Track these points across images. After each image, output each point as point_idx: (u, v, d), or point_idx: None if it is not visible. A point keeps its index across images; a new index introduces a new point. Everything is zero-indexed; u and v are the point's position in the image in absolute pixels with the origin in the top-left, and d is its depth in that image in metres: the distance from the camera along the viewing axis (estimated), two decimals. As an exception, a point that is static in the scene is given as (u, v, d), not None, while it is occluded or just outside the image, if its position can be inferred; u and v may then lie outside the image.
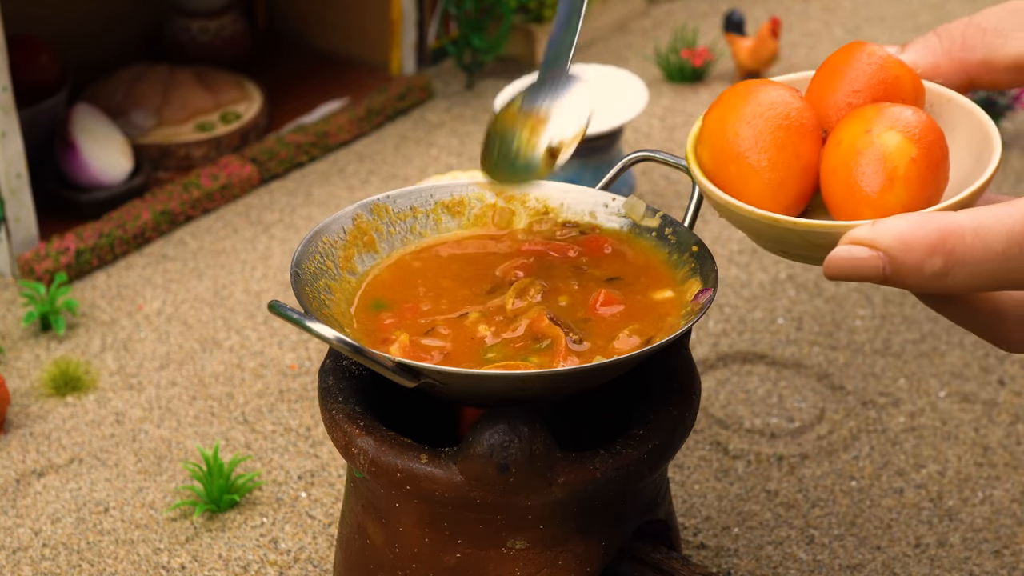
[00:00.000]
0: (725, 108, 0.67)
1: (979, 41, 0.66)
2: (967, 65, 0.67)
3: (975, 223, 0.57)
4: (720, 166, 0.66)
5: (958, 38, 0.67)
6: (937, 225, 0.57)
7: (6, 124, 1.10)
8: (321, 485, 0.95)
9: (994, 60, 0.66)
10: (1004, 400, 1.02)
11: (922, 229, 0.57)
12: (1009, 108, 1.34)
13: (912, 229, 0.57)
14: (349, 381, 0.73)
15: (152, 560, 0.89)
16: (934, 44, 0.68)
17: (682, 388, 0.73)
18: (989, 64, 0.66)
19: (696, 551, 0.89)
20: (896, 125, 0.63)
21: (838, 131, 0.64)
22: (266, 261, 1.20)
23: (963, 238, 0.57)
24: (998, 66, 0.66)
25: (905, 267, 0.58)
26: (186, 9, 1.44)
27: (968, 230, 0.57)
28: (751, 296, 1.14)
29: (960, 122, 0.67)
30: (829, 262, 0.60)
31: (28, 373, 1.06)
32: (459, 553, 0.70)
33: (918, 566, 0.88)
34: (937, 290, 0.58)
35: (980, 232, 0.57)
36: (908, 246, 0.57)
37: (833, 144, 0.64)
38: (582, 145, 1.20)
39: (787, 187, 0.65)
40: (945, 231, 0.57)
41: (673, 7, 1.69)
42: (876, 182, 0.62)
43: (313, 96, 1.44)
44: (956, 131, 0.67)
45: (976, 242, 0.57)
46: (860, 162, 0.63)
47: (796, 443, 0.99)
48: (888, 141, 0.62)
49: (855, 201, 0.63)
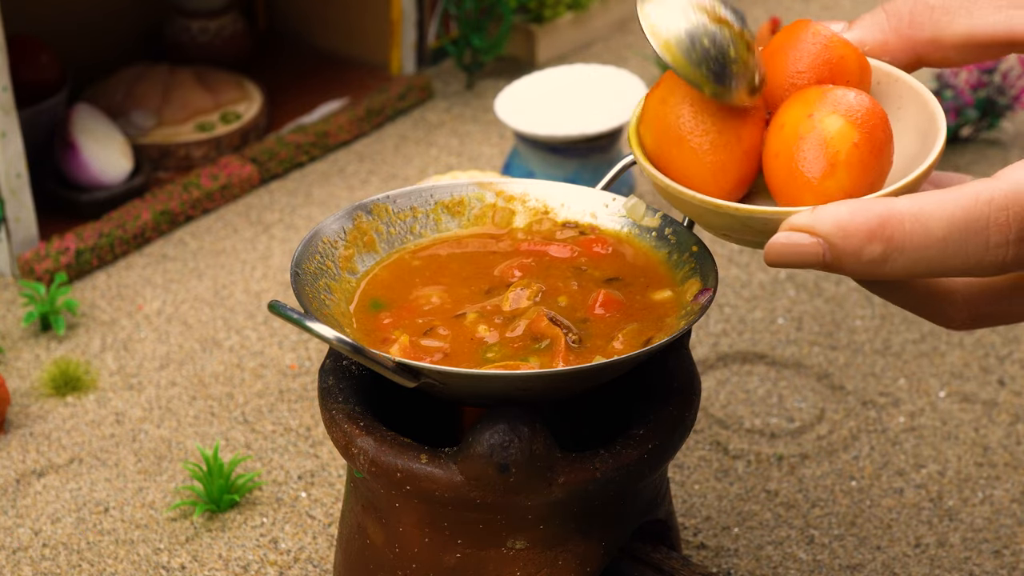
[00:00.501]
0: (667, 90, 0.66)
1: (927, 19, 0.66)
2: (915, 43, 0.67)
3: (915, 209, 0.57)
4: (663, 149, 0.65)
5: (906, 15, 0.67)
6: (877, 211, 0.57)
7: (6, 124, 1.10)
8: (321, 485, 0.95)
9: (942, 38, 0.66)
10: (1004, 400, 1.02)
11: (861, 215, 0.57)
12: (1009, 108, 1.34)
13: (851, 215, 0.57)
14: (349, 381, 0.73)
15: (152, 560, 0.89)
16: (882, 21, 0.68)
17: (682, 388, 0.73)
18: (937, 42, 0.66)
19: (696, 551, 0.89)
20: (838, 109, 0.62)
21: (781, 114, 0.64)
22: (266, 261, 1.20)
23: (902, 224, 0.57)
24: (946, 44, 0.66)
25: (844, 253, 0.58)
26: (186, 9, 1.44)
27: (908, 216, 0.57)
28: (751, 296, 1.14)
29: (907, 102, 0.67)
30: (769, 248, 0.60)
31: (28, 373, 1.06)
32: (459, 553, 0.70)
33: (918, 566, 0.88)
34: (877, 276, 0.58)
35: (920, 219, 0.57)
36: (847, 232, 0.57)
37: (776, 127, 0.64)
38: (582, 145, 1.20)
39: (728, 170, 0.64)
40: (885, 217, 0.57)
41: (673, 7, 1.69)
42: (817, 167, 0.62)
43: (313, 96, 1.44)
44: (902, 111, 0.67)
45: (916, 228, 0.57)
46: (802, 147, 0.62)
47: (796, 443, 0.99)
48: (830, 126, 0.62)
49: (796, 186, 0.62)
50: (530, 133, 1.19)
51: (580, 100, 1.22)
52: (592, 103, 1.21)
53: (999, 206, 0.56)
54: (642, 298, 0.72)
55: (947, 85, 1.35)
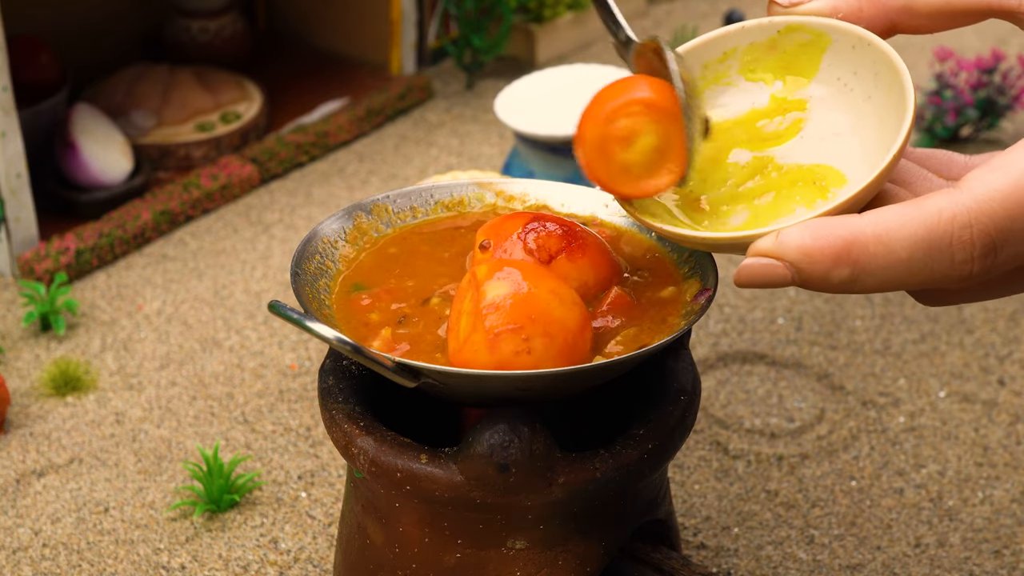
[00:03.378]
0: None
1: None
2: (888, 10, 0.67)
3: (879, 230, 0.57)
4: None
5: None
6: (840, 234, 0.57)
7: (6, 124, 1.10)
8: (321, 485, 0.95)
9: (915, 6, 0.66)
10: (1004, 400, 1.02)
11: (824, 240, 0.58)
12: (1009, 108, 1.34)
13: (814, 240, 0.58)
14: (349, 381, 0.73)
15: (152, 560, 0.89)
16: None
17: (682, 388, 0.73)
18: (910, 10, 0.66)
19: (696, 551, 0.89)
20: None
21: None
22: (266, 261, 1.20)
23: (867, 248, 0.57)
24: (919, 12, 0.66)
25: (812, 277, 0.58)
26: (186, 9, 1.44)
27: (871, 239, 0.57)
28: (751, 296, 1.14)
29: (880, 68, 0.66)
30: (739, 272, 0.60)
31: (28, 373, 1.06)
32: (459, 553, 0.70)
33: (918, 566, 0.88)
34: (847, 292, 0.59)
35: (884, 240, 0.57)
36: (812, 258, 0.58)
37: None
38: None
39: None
40: (849, 241, 0.57)
41: (673, 7, 1.69)
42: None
43: (313, 96, 1.44)
44: (876, 78, 0.66)
45: (880, 250, 0.57)
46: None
47: (796, 443, 0.99)
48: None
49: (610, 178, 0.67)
50: (530, 133, 1.19)
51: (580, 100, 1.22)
52: (592, 103, 1.21)
53: (962, 223, 0.57)
54: (652, 294, 0.72)
55: (947, 85, 1.35)
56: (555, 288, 0.65)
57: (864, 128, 0.66)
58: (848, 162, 0.65)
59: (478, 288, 0.65)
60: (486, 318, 0.63)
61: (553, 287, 0.65)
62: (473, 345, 0.64)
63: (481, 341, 0.63)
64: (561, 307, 0.64)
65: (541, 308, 0.64)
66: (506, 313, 0.63)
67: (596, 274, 0.70)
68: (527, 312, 0.63)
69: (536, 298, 0.64)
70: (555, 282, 0.66)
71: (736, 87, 0.71)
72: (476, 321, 0.64)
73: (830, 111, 0.68)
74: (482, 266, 0.66)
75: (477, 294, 0.64)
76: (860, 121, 0.66)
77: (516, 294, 0.64)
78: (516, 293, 0.64)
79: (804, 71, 0.69)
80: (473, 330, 0.64)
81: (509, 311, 0.63)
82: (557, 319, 0.64)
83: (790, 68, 0.69)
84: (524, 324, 0.63)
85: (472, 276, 0.66)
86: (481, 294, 0.64)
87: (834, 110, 0.67)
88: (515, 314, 0.63)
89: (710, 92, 0.71)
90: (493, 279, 0.65)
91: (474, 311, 0.64)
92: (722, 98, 0.71)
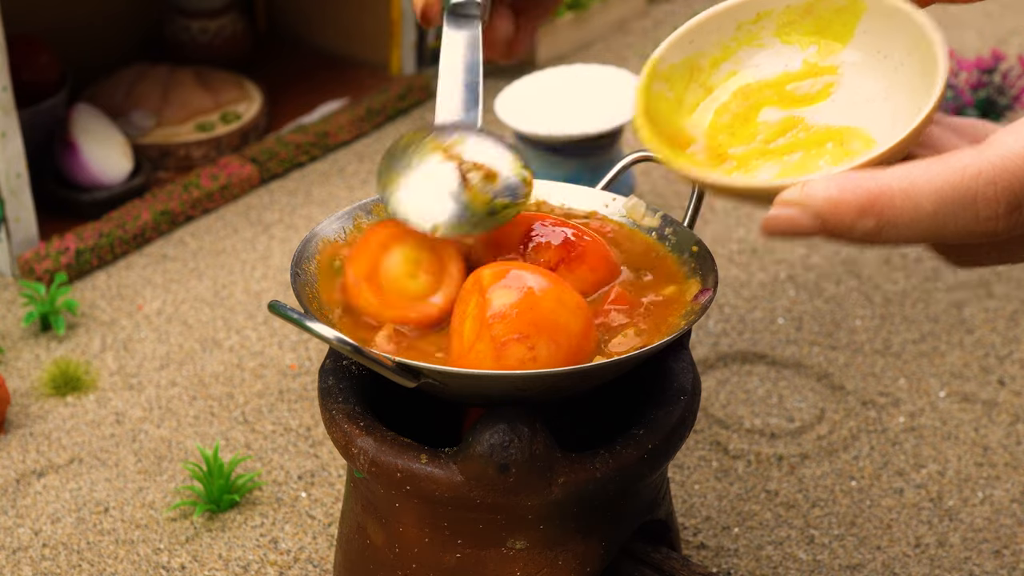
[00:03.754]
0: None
1: None
2: None
3: (905, 184, 0.57)
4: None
5: None
6: (867, 186, 0.58)
7: (6, 124, 1.10)
8: (321, 485, 0.95)
9: None
10: (1004, 400, 1.02)
11: (851, 192, 0.58)
12: (1009, 108, 1.34)
13: (840, 192, 0.58)
14: (349, 381, 0.73)
15: (152, 560, 0.89)
16: None
17: (682, 388, 0.73)
18: None
19: (696, 551, 0.89)
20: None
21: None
22: (266, 261, 1.20)
23: (893, 200, 0.57)
24: None
25: (838, 227, 0.58)
26: (186, 9, 1.44)
27: (898, 192, 0.57)
28: (751, 296, 1.14)
29: (913, 37, 0.65)
30: (765, 223, 0.60)
31: (28, 373, 1.06)
32: (459, 553, 0.70)
33: (918, 566, 0.88)
34: (871, 245, 0.59)
35: (910, 194, 0.57)
36: (838, 208, 0.58)
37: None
38: (582, 145, 1.20)
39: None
40: (875, 194, 0.57)
41: (673, 7, 1.69)
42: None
43: (313, 96, 1.44)
44: (908, 46, 0.66)
45: (906, 204, 0.57)
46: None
47: (796, 443, 0.99)
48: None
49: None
50: (530, 133, 1.19)
51: (580, 100, 1.22)
52: (592, 103, 1.21)
53: (987, 180, 0.57)
54: (652, 293, 0.72)
55: (947, 85, 1.35)
56: (560, 294, 0.65)
57: (895, 95, 0.66)
58: (877, 126, 0.65)
59: (483, 294, 0.65)
60: (492, 327, 0.63)
61: (558, 293, 0.65)
62: (479, 353, 0.64)
63: (487, 350, 0.63)
64: (566, 313, 0.65)
65: (547, 316, 0.64)
66: (512, 322, 0.64)
67: (595, 278, 0.71)
68: (533, 320, 0.64)
69: (542, 306, 0.64)
70: (560, 287, 0.66)
71: (769, 49, 0.71)
72: (482, 329, 0.64)
73: (862, 77, 0.68)
74: (486, 269, 0.66)
75: (483, 300, 0.64)
76: (891, 88, 0.66)
77: (522, 302, 0.64)
78: (522, 301, 0.64)
79: (839, 36, 0.69)
80: (478, 338, 0.64)
81: (515, 320, 0.64)
82: (563, 326, 0.64)
83: (825, 33, 0.69)
84: (530, 333, 0.64)
85: (476, 279, 0.66)
86: (487, 301, 0.64)
87: (866, 76, 0.67)
88: (521, 323, 0.63)
89: (743, 52, 0.71)
90: (498, 285, 0.65)
91: (479, 317, 0.64)
92: (755, 59, 0.71)
